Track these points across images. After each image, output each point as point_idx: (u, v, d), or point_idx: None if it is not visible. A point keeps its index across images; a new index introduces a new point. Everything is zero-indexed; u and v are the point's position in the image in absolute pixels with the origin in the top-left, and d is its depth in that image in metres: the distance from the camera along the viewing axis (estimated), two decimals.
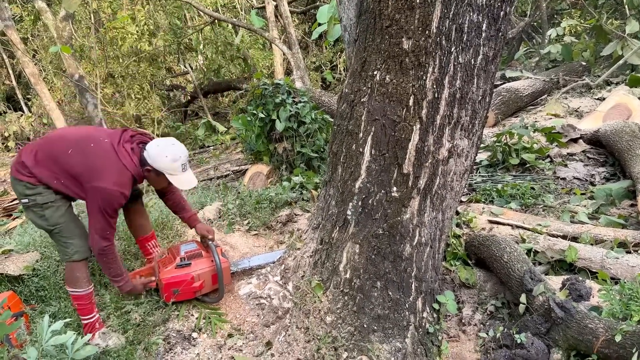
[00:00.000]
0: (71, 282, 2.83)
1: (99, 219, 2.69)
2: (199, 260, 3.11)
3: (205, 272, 3.07)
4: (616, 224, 3.67)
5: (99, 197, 2.66)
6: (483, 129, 2.61)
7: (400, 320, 2.69)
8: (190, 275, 3.02)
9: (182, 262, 3.06)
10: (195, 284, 3.05)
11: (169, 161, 2.79)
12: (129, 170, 2.74)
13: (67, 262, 2.83)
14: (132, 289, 2.99)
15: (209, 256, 3.13)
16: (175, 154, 2.81)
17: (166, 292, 3.03)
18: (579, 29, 10.91)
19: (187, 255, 3.10)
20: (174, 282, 3.01)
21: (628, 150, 4.46)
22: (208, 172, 7.96)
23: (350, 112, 2.54)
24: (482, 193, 4.59)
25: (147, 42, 11.00)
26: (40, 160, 2.72)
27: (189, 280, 3.02)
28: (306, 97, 6.36)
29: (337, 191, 2.71)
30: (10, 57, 13.87)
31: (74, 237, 2.81)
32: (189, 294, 3.08)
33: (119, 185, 2.68)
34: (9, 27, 7.75)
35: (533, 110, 7.76)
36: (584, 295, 2.76)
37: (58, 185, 2.74)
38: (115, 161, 2.72)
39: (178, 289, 3.03)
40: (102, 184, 2.64)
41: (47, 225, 2.77)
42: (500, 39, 2.34)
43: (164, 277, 3.00)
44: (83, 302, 2.84)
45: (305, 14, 14.38)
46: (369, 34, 2.37)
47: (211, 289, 3.16)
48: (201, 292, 3.12)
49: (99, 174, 2.66)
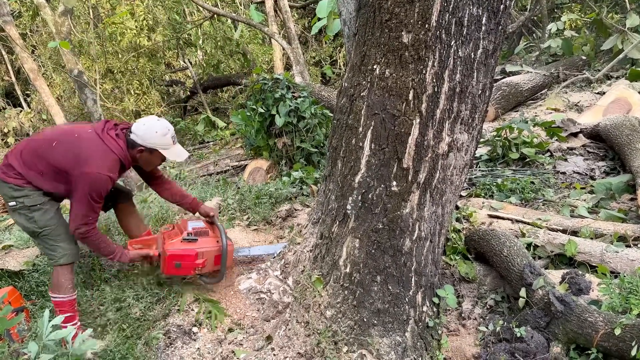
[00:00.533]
0: (55, 288, 2.81)
1: (84, 204, 2.68)
2: (205, 238, 3.10)
3: (210, 251, 3.07)
4: (616, 218, 3.67)
5: (87, 182, 2.65)
6: (483, 123, 2.61)
7: (400, 315, 2.69)
8: (195, 252, 3.01)
9: (189, 237, 3.04)
10: (197, 261, 3.03)
11: (159, 136, 2.81)
12: (115, 153, 2.74)
13: (54, 266, 2.81)
14: (130, 259, 3.00)
15: (215, 236, 3.13)
16: (164, 127, 2.84)
17: (168, 264, 3.00)
18: (579, 23, 10.87)
19: (194, 231, 3.09)
20: (178, 255, 2.98)
21: (628, 145, 4.46)
22: (208, 167, 7.96)
23: (350, 107, 2.54)
24: (482, 187, 4.59)
25: (146, 38, 10.98)
26: (26, 159, 2.73)
27: (193, 256, 3.01)
28: (306, 92, 6.35)
29: (336, 186, 2.70)
30: (9, 53, 13.85)
31: (62, 241, 2.80)
32: (189, 270, 3.06)
33: (107, 169, 2.68)
34: (8, 23, 7.73)
35: (533, 105, 7.74)
36: (584, 289, 2.76)
37: (45, 183, 2.74)
38: (101, 146, 2.72)
39: (180, 263, 3.00)
40: (89, 169, 2.64)
41: (36, 227, 2.75)
42: (500, 33, 2.33)
43: (168, 248, 2.98)
44: (65, 309, 2.80)
45: (304, 9, 14.33)
46: (368, 27, 2.36)
47: (211, 270, 3.15)
48: (201, 270, 3.09)
49: (86, 160, 2.65)
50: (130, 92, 11.40)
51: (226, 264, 3.08)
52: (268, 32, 10.11)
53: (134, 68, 11.22)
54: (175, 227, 3.22)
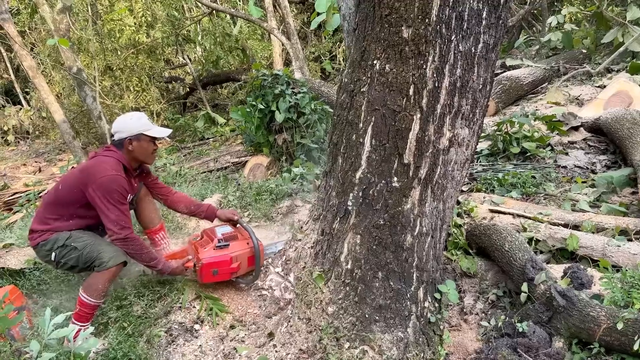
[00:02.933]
0: (89, 290, 2.79)
1: (109, 209, 2.77)
2: (235, 242, 3.15)
3: (242, 253, 3.11)
4: (617, 211, 3.67)
5: (101, 190, 2.76)
6: (484, 118, 2.60)
7: (401, 310, 2.69)
8: (229, 257, 3.05)
9: (221, 243, 3.09)
10: (233, 265, 3.07)
11: (135, 120, 2.98)
12: (112, 157, 2.90)
13: (101, 270, 2.79)
14: (172, 270, 3.03)
15: (244, 238, 3.19)
16: (135, 114, 3.05)
17: (205, 272, 3.04)
18: (580, 17, 10.83)
19: (224, 237, 3.13)
20: (214, 262, 3.02)
21: (629, 138, 4.45)
22: (208, 164, 7.94)
23: (350, 102, 2.52)
24: (483, 182, 4.58)
25: (145, 34, 10.95)
26: (42, 217, 2.91)
27: (228, 261, 3.05)
28: (305, 88, 6.33)
29: (337, 182, 2.70)
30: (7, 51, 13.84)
31: (106, 246, 2.87)
32: (226, 275, 3.10)
33: (112, 170, 2.82)
34: (6, 20, 7.70)
35: (534, 99, 7.73)
36: (586, 284, 2.75)
37: (70, 224, 2.90)
38: (98, 159, 2.91)
39: (217, 270, 3.04)
40: (97, 177, 2.78)
41: (79, 251, 2.82)
42: (500, 27, 2.32)
43: (203, 257, 3.02)
44: (86, 311, 2.80)
45: (303, 4, 14.29)
46: (368, 22, 2.35)
47: (245, 271, 3.19)
48: (237, 273, 3.13)
49: (90, 174, 2.81)
50: (129, 89, 11.37)
51: (260, 263, 3.12)
52: (267, 27, 10.08)
53: (133, 65, 11.19)
54: (204, 235, 3.27)
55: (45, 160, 12.26)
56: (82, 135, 11.88)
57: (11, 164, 11.83)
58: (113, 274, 2.82)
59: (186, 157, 8.98)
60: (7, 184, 8.02)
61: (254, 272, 3.16)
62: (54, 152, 12.81)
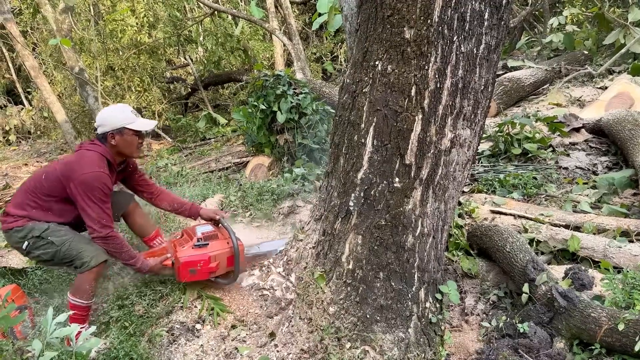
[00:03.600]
0: (77, 292, 2.81)
1: (91, 207, 2.74)
2: (215, 241, 3.13)
3: (221, 253, 3.09)
4: (619, 213, 3.67)
5: (83, 186, 2.73)
6: (485, 119, 2.60)
7: (403, 311, 2.69)
8: (208, 256, 3.04)
9: (200, 242, 3.08)
10: (211, 265, 3.05)
11: (118, 113, 2.90)
12: (95, 151, 2.84)
13: (83, 272, 2.81)
14: (150, 269, 3.02)
15: (224, 238, 3.16)
16: (118, 106, 2.97)
17: (183, 271, 3.02)
18: (581, 18, 10.82)
19: (204, 236, 3.12)
20: (192, 261, 3.01)
21: (630, 139, 4.45)
22: (209, 164, 7.95)
23: (352, 103, 2.53)
24: (484, 183, 4.58)
25: (146, 34, 10.97)
26: (20, 202, 2.86)
27: (207, 260, 3.03)
28: (307, 89, 6.34)
29: (339, 182, 2.70)
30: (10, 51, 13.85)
31: (86, 244, 2.84)
32: (204, 275, 3.08)
33: (95, 166, 2.77)
34: (9, 20, 7.72)
35: (535, 100, 7.73)
36: (587, 285, 2.75)
37: (47, 215, 2.85)
38: (82, 153, 2.85)
39: (195, 269, 3.03)
40: (79, 173, 2.73)
41: (56, 247, 2.80)
42: (502, 28, 2.32)
43: (181, 256, 3.00)
44: (80, 313, 2.81)
45: (305, 4, 14.30)
46: (370, 23, 2.35)
47: (224, 271, 3.16)
48: (215, 273, 3.12)
49: (73, 169, 2.76)
50: (131, 89, 11.38)
51: (239, 263, 3.10)
52: (269, 28, 10.09)
53: (134, 65, 11.20)
54: (184, 234, 3.25)
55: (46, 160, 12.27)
56: (84, 135, 11.88)
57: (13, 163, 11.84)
58: (96, 273, 2.83)
59: (187, 158, 8.99)
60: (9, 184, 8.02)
61: (233, 272, 3.15)
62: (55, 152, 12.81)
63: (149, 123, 3.00)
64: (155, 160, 8.40)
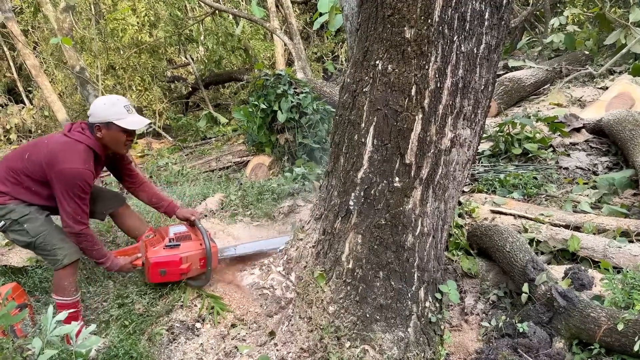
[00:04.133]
0: (59, 291, 2.81)
1: (68, 202, 2.68)
2: (187, 242, 3.07)
3: (194, 254, 3.03)
4: (619, 213, 3.67)
5: (63, 180, 2.66)
6: (485, 119, 2.60)
7: (402, 310, 2.69)
8: (179, 257, 2.98)
9: (171, 242, 3.02)
10: (182, 266, 2.99)
11: (108, 106, 2.77)
12: (82, 142, 2.74)
13: (57, 269, 2.80)
14: (120, 268, 2.99)
15: (198, 239, 3.10)
16: (111, 98, 2.82)
17: (152, 272, 2.97)
18: (582, 18, 10.82)
19: (176, 237, 3.06)
20: (162, 262, 2.96)
21: (631, 140, 4.44)
22: (210, 163, 7.95)
23: (353, 102, 2.53)
24: (484, 183, 4.58)
25: (147, 34, 10.97)
26: (3, 177, 2.77)
27: (177, 261, 2.97)
28: (308, 88, 6.34)
29: (339, 181, 2.70)
30: (11, 50, 13.84)
31: (60, 241, 2.81)
32: (175, 276, 3.03)
33: (79, 161, 2.68)
34: (10, 19, 7.72)
35: (536, 100, 7.72)
36: (586, 285, 2.76)
37: (27, 195, 2.77)
38: (69, 142, 2.73)
39: (165, 270, 2.97)
40: (62, 166, 2.65)
41: (30, 238, 2.76)
42: (502, 28, 2.32)
43: (151, 256, 2.95)
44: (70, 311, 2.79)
45: (306, 4, 14.31)
46: (370, 23, 2.36)
47: (197, 273, 3.11)
48: (187, 275, 3.06)
49: (57, 159, 2.66)
50: (132, 89, 11.39)
51: (211, 266, 3.06)
52: (270, 27, 10.09)
53: (135, 64, 11.21)
54: (156, 234, 3.18)
55: None
56: None
57: None
58: (71, 270, 2.83)
59: (188, 157, 9.00)
60: None
61: (205, 273, 3.10)
62: None
63: (139, 122, 2.85)
64: (156, 160, 8.41)
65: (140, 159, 9.77)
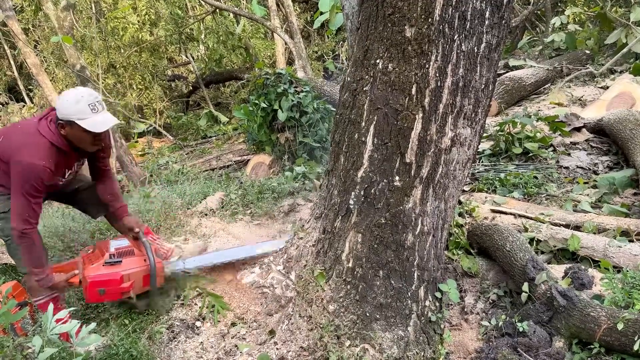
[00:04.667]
0: (34, 292, 2.70)
1: (19, 198, 2.49)
2: (130, 258, 2.82)
3: (137, 272, 2.79)
4: (619, 212, 3.66)
5: (19, 174, 2.48)
6: (486, 118, 2.60)
7: (402, 309, 2.69)
8: (120, 275, 2.72)
9: (112, 259, 2.76)
10: (124, 285, 2.73)
11: (72, 104, 2.50)
12: (45, 137, 2.53)
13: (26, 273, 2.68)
14: (54, 284, 2.69)
15: (142, 255, 2.86)
16: (77, 94, 2.53)
17: (90, 291, 2.69)
18: (583, 17, 10.81)
19: (117, 252, 2.82)
20: (100, 281, 2.68)
21: (631, 139, 4.44)
22: (210, 162, 7.96)
23: (353, 101, 2.53)
24: (484, 182, 4.58)
25: (148, 32, 10.98)
26: None
27: (117, 280, 2.71)
28: (308, 87, 6.35)
29: (339, 180, 2.70)
30: (11, 48, 13.83)
31: None
32: (115, 295, 2.77)
33: (39, 157, 2.48)
34: (10, 18, 7.71)
35: (536, 99, 7.72)
36: (586, 284, 2.76)
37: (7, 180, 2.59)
38: (34, 133, 2.54)
39: (104, 289, 2.70)
40: (20, 157, 2.47)
41: (5, 236, 2.66)
42: (503, 27, 2.32)
43: (89, 274, 2.68)
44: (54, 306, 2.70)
45: (307, 3, 14.31)
46: (371, 22, 2.35)
47: (140, 291, 2.87)
48: (129, 293, 2.79)
49: (19, 149, 2.50)
50: (132, 87, 11.40)
51: (156, 284, 2.83)
52: (270, 26, 10.09)
53: (136, 63, 11.23)
54: (96, 249, 2.93)
55: None
56: None
57: None
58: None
59: (188, 156, 9.01)
60: None
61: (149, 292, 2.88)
62: None
63: (104, 122, 2.58)
64: (157, 158, 8.41)
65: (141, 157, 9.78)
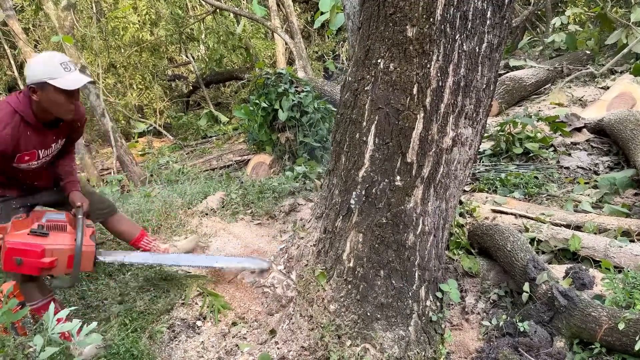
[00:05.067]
0: (27, 297, 2.65)
1: None
2: (60, 233, 2.59)
3: (62, 250, 2.55)
4: (620, 212, 3.66)
5: None
6: (487, 118, 2.60)
7: (403, 309, 2.69)
8: (42, 248, 2.48)
9: (39, 229, 2.52)
10: (44, 260, 2.49)
11: (41, 65, 2.41)
12: (11, 105, 2.45)
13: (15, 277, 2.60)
14: None
15: (75, 233, 2.62)
16: (48, 55, 2.46)
17: (6, 258, 2.46)
18: (584, 18, 10.82)
19: (47, 224, 2.58)
20: (19, 249, 2.45)
21: (632, 139, 4.44)
22: (211, 162, 7.97)
23: (354, 101, 2.53)
24: (485, 182, 4.58)
25: (148, 32, 10.99)
26: None
27: (38, 252, 2.47)
28: (309, 87, 6.35)
29: (340, 180, 2.70)
30: (11, 48, 13.84)
31: None
32: (33, 269, 2.52)
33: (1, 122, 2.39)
34: (11, 17, 7.73)
35: (537, 100, 7.72)
36: (587, 284, 2.76)
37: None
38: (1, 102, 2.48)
39: (22, 259, 2.46)
40: None
41: None
42: (504, 27, 2.32)
43: (8, 240, 2.45)
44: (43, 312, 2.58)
45: (307, 3, 14.31)
46: (372, 21, 2.35)
47: (64, 272, 2.62)
48: (50, 271, 2.57)
49: None
50: (132, 87, 11.41)
51: (79, 268, 2.59)
52: (270, 26, 10.09)
53: (136, 62, 11.23)
54: (28, 217, 2.65)
55: None
56: (85, 133, 11.89)
57: None
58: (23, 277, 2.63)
59: (189, 155, 9.01)
60: None
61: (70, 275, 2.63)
62: None
63: (77, 80, 2.46)
64: (157, 158, 8.41)
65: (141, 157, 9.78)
